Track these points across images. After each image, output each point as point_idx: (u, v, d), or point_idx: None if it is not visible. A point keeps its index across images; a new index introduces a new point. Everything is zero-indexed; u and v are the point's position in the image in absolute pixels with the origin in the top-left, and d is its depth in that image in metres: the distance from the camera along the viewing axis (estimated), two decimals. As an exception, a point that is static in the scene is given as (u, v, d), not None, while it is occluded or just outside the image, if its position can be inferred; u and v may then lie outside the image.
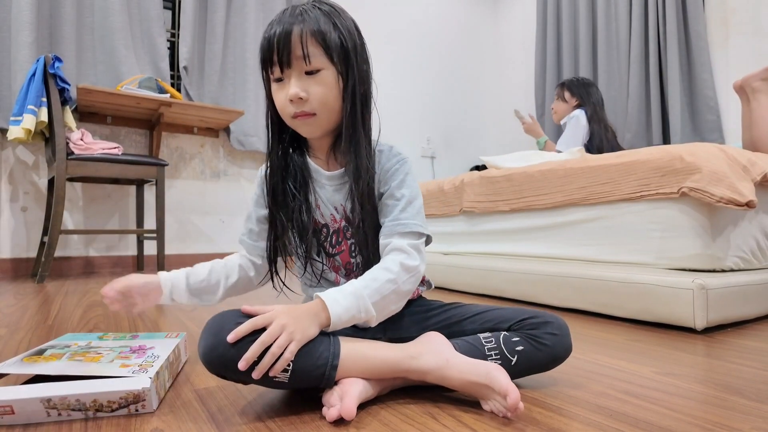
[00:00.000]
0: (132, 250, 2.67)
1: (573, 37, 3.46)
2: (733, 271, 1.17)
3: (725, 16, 2.69)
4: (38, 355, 0.66)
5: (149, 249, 2.63)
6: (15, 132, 1.95)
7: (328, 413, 0.55)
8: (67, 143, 2.03)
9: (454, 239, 1.91)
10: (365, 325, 0.65)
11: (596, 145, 2.16)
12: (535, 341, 0.65)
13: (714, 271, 1.13)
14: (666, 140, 2.85)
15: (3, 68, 2.27)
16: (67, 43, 2.41)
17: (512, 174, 1.63)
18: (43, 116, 1.97)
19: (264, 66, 0.68)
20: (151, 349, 0.70)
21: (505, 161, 1.84)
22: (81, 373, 0.58)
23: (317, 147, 0.75)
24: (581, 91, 2.30)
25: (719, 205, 1.08)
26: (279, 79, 0.67)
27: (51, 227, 2.01)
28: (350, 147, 0.69)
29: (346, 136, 0.69)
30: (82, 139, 2.11)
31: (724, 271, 1.15)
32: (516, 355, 0.64)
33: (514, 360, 0.64)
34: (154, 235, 2.32)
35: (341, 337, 0.61)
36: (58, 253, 2.35)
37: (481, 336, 0.67)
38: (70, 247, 2.50)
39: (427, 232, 0.70)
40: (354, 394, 0.56)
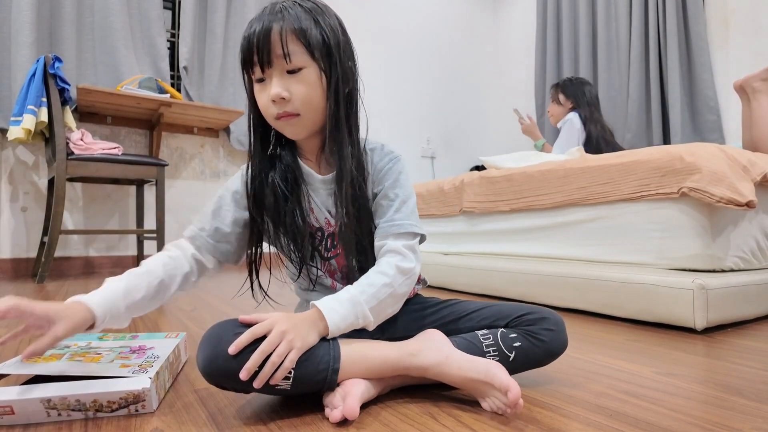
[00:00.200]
0: (132, 250, 2.67)
1: (573, 37, 3.46)
2: (733, 271, 1.17)
3: (725, 16, 2.69)
4: (38, 356, 0.66)
5: (149, 249, 2.63)
6: (15, 132, 1.95)
7: (331, 414, 0.55)
8: (67, 143, 2.03)
9: (454, 239, 1.91)
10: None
11: (594, 146, 2.12)
12: (533, 337, 0.66)
13: (714, 271, 1.13)
14: (666, 140, 2.85)
15: (3, 68, 2.27)
16: (67, 43, 2.41)
17: (512, 174, 1.63)
18: (43, 116, 1.97)
19: (244, 67, 0.66)
20: (151, 349, 0.70)
21: (505, 161, 1.84)
22: (81, 374, 0.58)
23: (307, 149, 0.73)
24: (576, 92, 2.26)
25: (719, 205, 1.08)
26: (261, 80, 0.65)
27: (51, 227, 2.01)
28: (333, 147, 0.67)
29: (330, 136, 0.67)
30: (82, 139, 2.10)
31: (724, 271, 1.15)
32: (514, 351, 0.65)
33: (512, 356, 0.65)
34: (154, 235, 2.32)
35: (340, 339, 0.61)
36: (58, 253, 2.35)
37: (479, 333, 0.67)
38: (70, 247, 2.50)
39: (422, 232, 0.70)
40: (356, 394, 0.56)
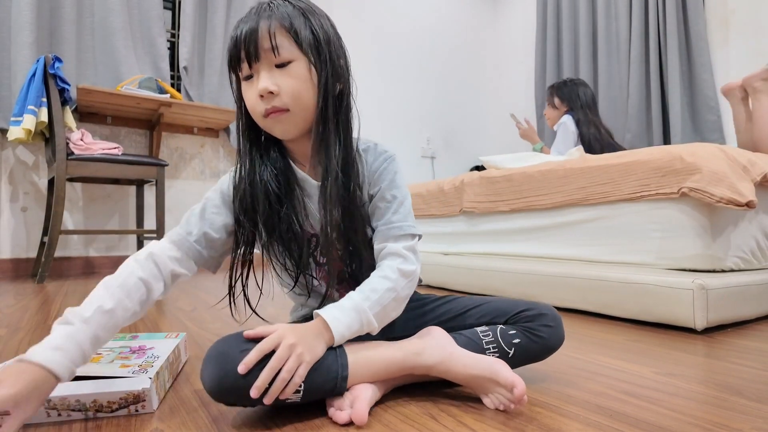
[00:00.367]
0: (132, 251, 2.67)
1: (573, 37, 3.46)
2: (733, 271, 1.17)
3: (725, 16, 2.69)
4: None
5: (149, 249, 2.62)
6: (15, 132, 1.95)
7: (337, 415, 0.55)
8: (67, 143, 2.03)
9: (454, 239, 1.91)
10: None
11: (587, 148, 2.10)
12: (531, 333, 0.67)
13: (714, 272, 1.13)
14: (666, 140, 2.85)
15: (3, 68, 2.27)
16: (67, 43, 2.41)
17: (512, 174, 1.63)
18: (43, 116, 1.97)
19: (231, 66, 0.64)
20: (151, 350, 0.70)
21: (505, 161, 1.84)
22: (81, 374, 0.58)
23: (299, 153, 0.70)
24: (570, 95, 2.24)
25: (719, 206, 1.08)
26: (248, 77, 0.63)
27: (51, 227, 2.01)
28: (320, 145, 0.64)
29: (315, 134, 0.64)
30: (82, 140, 2.10)
31: (724, 272, 1.15)
32: (513, 348, 0.66)
33: (511, 353, 0.66)
34: (154, 236, 2.31)
35: (344, 345, 0.60)
36: (58, 254, 2.35)
37: (479, 330, 0.68)
38: (70, 248, 2.49)
39: (419, 233, 0.70)
40: (365, 398, 0.56)
